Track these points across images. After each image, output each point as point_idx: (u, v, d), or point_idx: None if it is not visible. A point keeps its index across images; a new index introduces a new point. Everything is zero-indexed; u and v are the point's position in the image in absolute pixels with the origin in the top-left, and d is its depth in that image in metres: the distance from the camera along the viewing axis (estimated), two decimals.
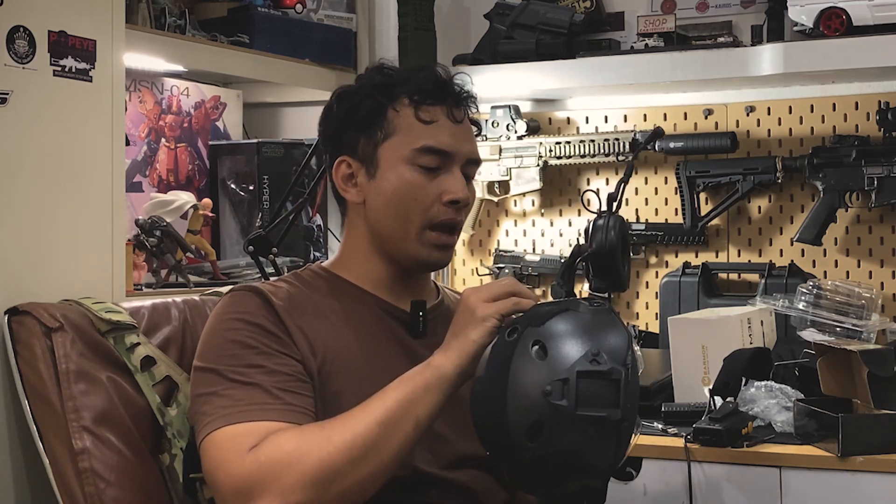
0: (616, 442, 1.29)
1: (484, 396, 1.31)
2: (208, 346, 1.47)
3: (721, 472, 1.92)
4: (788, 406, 2.00)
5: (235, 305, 1.49)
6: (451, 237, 1.55)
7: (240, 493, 1.32)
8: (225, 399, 1.39)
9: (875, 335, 2.31)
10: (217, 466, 1.36)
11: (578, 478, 1.32)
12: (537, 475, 1.31)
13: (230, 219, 2.66)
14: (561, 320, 1.31)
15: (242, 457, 1.33)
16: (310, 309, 1.51)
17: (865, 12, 2.26)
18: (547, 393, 1.26)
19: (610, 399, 1.26)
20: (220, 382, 1.41)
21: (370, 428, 1.33)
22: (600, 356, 1.27)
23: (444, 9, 2.89)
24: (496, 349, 1.33)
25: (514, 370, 1.28)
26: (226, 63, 2.43)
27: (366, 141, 1.54)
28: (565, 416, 1.25)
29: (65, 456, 1.57)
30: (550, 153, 2.72)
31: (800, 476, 1.87)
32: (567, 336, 1.29)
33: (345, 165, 1.56)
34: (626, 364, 1.28)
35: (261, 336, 1.44)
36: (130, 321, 1.68)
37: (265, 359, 1.43)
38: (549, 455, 1.28)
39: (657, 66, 2.50)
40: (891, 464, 1.82)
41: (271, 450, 1.33)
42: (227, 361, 1.42)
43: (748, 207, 2.65)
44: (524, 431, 1.27)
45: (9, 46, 1.76)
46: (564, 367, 1.26)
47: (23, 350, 1.62)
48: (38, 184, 1.80)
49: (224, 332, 1.46)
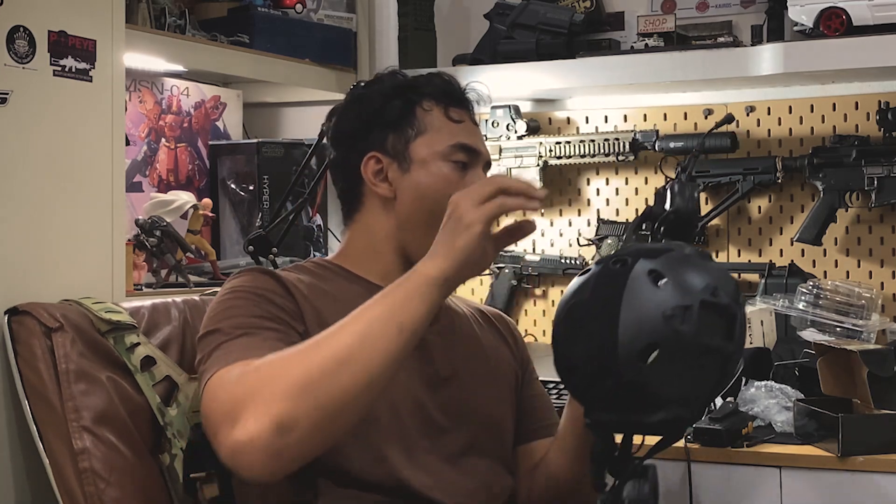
0: (721, 375, 1.34)
1: (589, 318, 1.34)
2: (212, 313, 1.47)
3: (721, 472, 1.92)
4: (788, 406, 2.00)
5: (246, 281, 1.50)
6: None
7: (227, 415, 1.29)
8: (224, 350, 1.39)
9: (875, 335, 2.32)
10: (212, 399, 1.34)
11: (676, 405, 1.33)
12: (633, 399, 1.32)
13: (230, 219, 2.66)
14: (673, 256, 1.35)
15: (233, 382, 1.32)
16: (320, 293, 1.53)
17: (865, 12, 2.26)
18: (668, 317, 1.29)
19: (726, 332, 1.32)
20: (221, 338, 1.41)
21: (354, 336, 1.31)
22: (718, 291, 1.32)
23: (444, 9, 2.89)
24: (602, 275, 1.36)
25: (629, 294, 1.31)
26: (226, 63, 2.43)
27: (396, 137, 1.57)
28: (684, 341, 1.29)
29: (65, 456, 1.57)
30: (550, 153, 2.72)
31: (800, 476, 1.88)
32: (685, 269, 1.33)
33: (374, 161, 1.58)
34: (738, 302, 1.34)
35: (268, 306, 1.45)
36: (130, 321, 1.68)
37: (266, 320, 1.43)
38: (655, 378, 1.30)
39: (657, 66, 2.50)
40: (891, 464, 1.82)
41: (256, 367, 1.32)
42: (228, 323, 1.43)
43: (748, 207, 2.65)
44: (636, 352, 1.29)
45: (9, 46, 1.76)
46: (687, 294, 1.30)
47: (23, 350, 1.62)
48: (37, 184, 1.80)
49: (229, 300, 1.47)
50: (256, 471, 1.28)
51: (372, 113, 1.59)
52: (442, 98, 1.60)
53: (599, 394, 1.36)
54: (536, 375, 1.77)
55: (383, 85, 1.62)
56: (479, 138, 1.63)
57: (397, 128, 1.58)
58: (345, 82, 2.67)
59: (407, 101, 1.59)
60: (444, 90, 1.61)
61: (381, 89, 1.62)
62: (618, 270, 1.34)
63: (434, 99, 1.60)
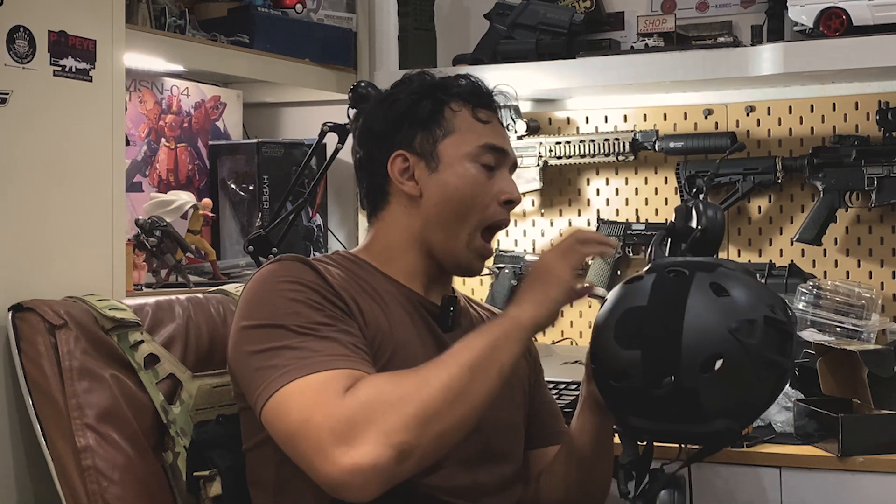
0: (774, 390, 1.38)
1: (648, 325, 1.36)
2: (264, 305, 1.44)
3: (721, 472, 1.92)
4: (788, 406, 2.00)
5: (288, 270, 1.48)
6: (490, 247, 1.62)
7: (341, 435, 1.29)
8: (301, 350, 1.37)
9: (875, 335, 2.32)
10: (311, 412, 1.31)
11: (728, 417, 1.35)
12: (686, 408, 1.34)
13: (230, 219, 2.66)
14: (729, 272, 1.38)
15: (340, 397, 1.31)
16: (355, 286, 1.53)
17: (865, 12, 2.26)
18: (734, 329, 1.31)
19: (783, 348, 1.36)
20: (290, 336, 1.38)
21: (463, 371, 1.35)
22: (776, 308, 1.35)
23: (444, 9, 2.89)
24: (660, 284, 1.38)
25: (692, 304, 1.33)
26: (226, 63, 2.43)
27: (424, 136, 1.58)
28: (749, 354, 1.32)
29: (68, 453, 1.57)
30: (550, 153, 2.72)
31: (800, 476, 1.88)
32: (743, 284, 1.36)
33: (401, 160, 1.59)
34: (794, 320, 1.38)
35: (322, 300, 1.44)
36: (134, 318, 1.68)
37: (333, 320, 1.42)
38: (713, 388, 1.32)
39: (657, 66, 2.50)
40: (891, 464, 1.83)
41: (370, 391, 1.32)
42: (292, 319, 1.40)
43: (748, 207, 2.65)
44: (699, 362, 1.31)
45: (9, 46, 1.76)
46: (751, 309, 1.33)
47: (26, 347, 1.62)
48: (38, 183, 1.80)
49: (281, 292, 1.44)
50: (368, 493, 1.30)
51: (400, 112, 1.60)
52: (470, 99, 1.61)
53: (650, 402, 1.37)
54: (545, 381, 1.78)
55: (412, 85, 1.63)
56: (507, 139, 1.64)
57: (426, 127, 1.59)
58: (345, 82, 2.67)
59: (436, 101, 1.60)
60: (473, 91, 1.62)
61: (409, 89, 1.62)
62: (677, 280, 1.36)
63: (462, 99, 1.60)
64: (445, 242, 1.58)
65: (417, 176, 1.58)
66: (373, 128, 1.63)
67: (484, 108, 1.62)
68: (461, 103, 1.60)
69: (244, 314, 1.46)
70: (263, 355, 1.39)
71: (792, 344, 1.38)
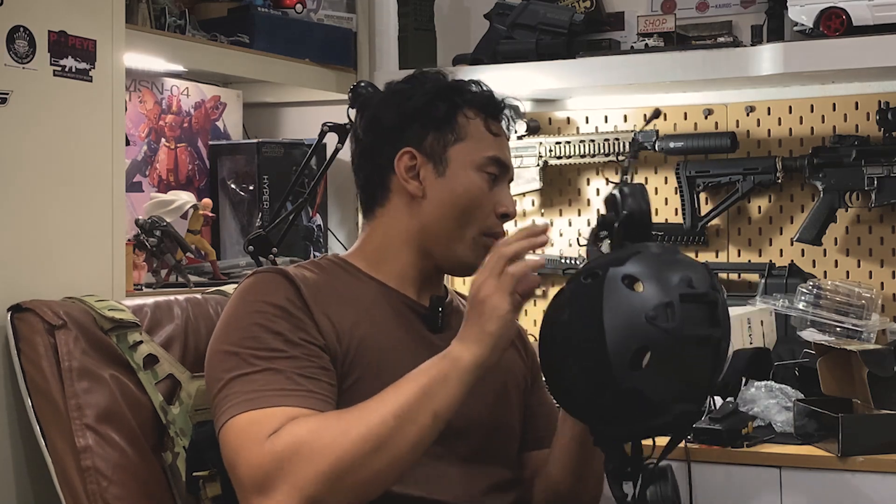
0: (715, 361, 1.36)
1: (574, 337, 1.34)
2: (230, 328, 1.47)
3: (721, 472, 1.92)
4: (788, 406, 2.00)
5: (261, 287, 1.49)
6: None
7: (257, 484, 1.33)
8: (244, 383, 1.39)
9: (875, 335, 2.32)
10: (236, 454, 1.36)
11: (679, 402, 1.34)
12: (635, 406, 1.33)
13: (230, 219, 2.66)
14: (642, 258, 1.35)
15: (260, 445, 1.34)
16: (334, 296, 1.52)
17: (865, 12, 2.26)
18: (651, 318, 1.30)
19: (710, 319, 1.33)
20: (240, 366, 1.41)
21: (386, 420, 1.33)
22: (693, 282, 1.33)
23: (444, 9, 2.89)
24: (577, 293, 1.36)
25: (608, 305, 1.32)
26: (226, 63, 2.43)
27: (435, 138, 1.57)
28: (672, 337, 1.30)
29: (67, 454, 1.57)
30: (550, 153, 2.72)
31: (800, 476, 1.88)
32: (657, 267, 1.34)
33: (408, 157, 1.57)
34: (715, 287, 1.35)
35: (285, 320, 1.45)
36: (133, 319, 1.68)
37: (287, 344, 1.43)
38: (652, 380, 1.31)
39: (657, 66, 2.50)
40: (891, 464, 1.82)
41: (288, 440, 1.33)
42: (248, 344, 1.43)
43: (748, 207, 2.65)
44: (628, 360, 1.30)
45: (9, 46, 1.76)
46: (665, 291, 1.32)
47: (26, 347, 1.62)
48: (38, 183, 1.80)
49: (247, 314, 1.46)
50: None
51: (414, 109, 1.59)
52: (485, 109, 1.61)
53: (601, 409, 1.36)
54: (543, 382, 1.77)
55: (426, 83, 1.62)
56: (510, 154, 1.64)
57: (438, 129, 1.58)
58: (345, 82, 2.67)
59: (451, 104, 1.59)
60: (488, 102, 1.62)
61: (424, 87, 1.61)
62: (591, 284, 1.35)
63: (477, 108, 1.60)
64: (445, 244, 1.57)
65: (423, 176, 1.57)
66: (383, 119, 1.61)
67: (495, 121, 1.62)
68: (475, 111, 1.60)
69: (214, 336, 1.49)
70: (218, 383, 1.43)
71: (718, 312, 1.35)
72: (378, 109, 1.63)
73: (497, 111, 1.63)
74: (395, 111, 1.60)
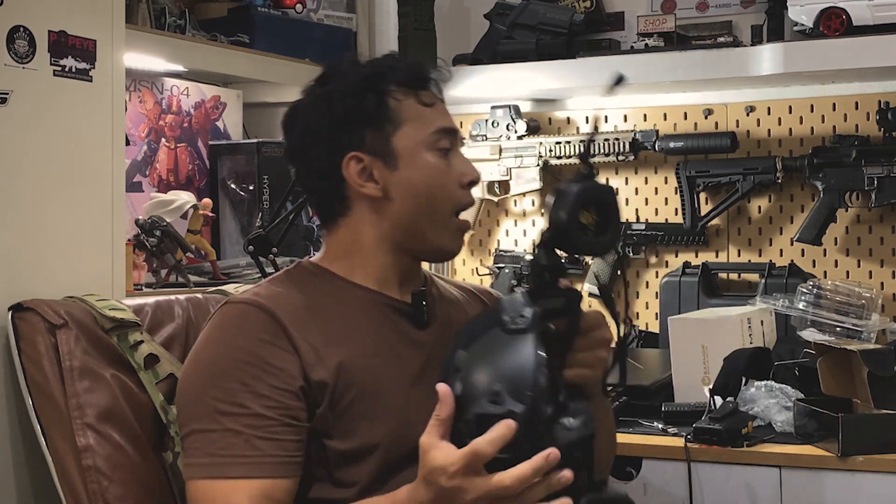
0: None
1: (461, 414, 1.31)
2: (199, 368, 1.43)
3: (721, 472, 1.92)
4: (788, 406, 2.00)
5: (232, 325, 1.44)
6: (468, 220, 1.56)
7: None
8: (204, 442, 1.38)
9: (875, 335, 2.32)
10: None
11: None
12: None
13: (230, 219, 2.66)
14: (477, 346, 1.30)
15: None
16: (315, 316, 1.46)
17: (865, 12, 2.26)
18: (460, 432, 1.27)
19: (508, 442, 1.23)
20: (202, 420, 1.38)
21: None
22: (500, 396, 1.25)
23: (444, 9, 2.89)
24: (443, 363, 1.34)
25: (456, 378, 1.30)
26: (226, 63, 2.43)
27: (374, 134, 1.50)
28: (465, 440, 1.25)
29: (68, 453, 1.56)
30: (550, 153, 2.72)
31: (800, 476, 1.88)
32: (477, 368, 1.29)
33: (355, 162, 1.50)
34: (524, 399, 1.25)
35: (253, 366, 1.39)
36: (134, 318, 1.68)
37: (252, 397, 1.38)
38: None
39: (657, 66, 2.50)
40: (891, 464, 1.82)
41: None
42: (213, 394, 1.38)
43: (748, 207, 2.65)
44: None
45: (9, 46, 1.76)
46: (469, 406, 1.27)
47: (26, 347, 1.62)
48: (37, 183, 1.80)
49: (215, 358, 1.42)
50: None
51: (343, 111, 1.50)
52: (410, 83, 1.52)
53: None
54: None
55: (346, 79, 1.52)
56: (451, 117, 1.56)
57: (374, 124, 1.49)
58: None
59: (377, 93, 1.50)
60: (411, 74, 1.53)
61: (345, 84, 1.51)
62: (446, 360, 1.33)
63: (403, 85, 1.52)
64: (422, 236, 1.51)
65: (377, 176, 1.49)
66: (315, 131, 1.51)
67: (425, 90, 1.53)
68: (403, 91, 1.51)
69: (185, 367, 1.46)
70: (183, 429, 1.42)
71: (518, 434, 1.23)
72: (305, 123, 1.54)
73: (424, 81, 1.54)
74: (324, 120, 1.51)
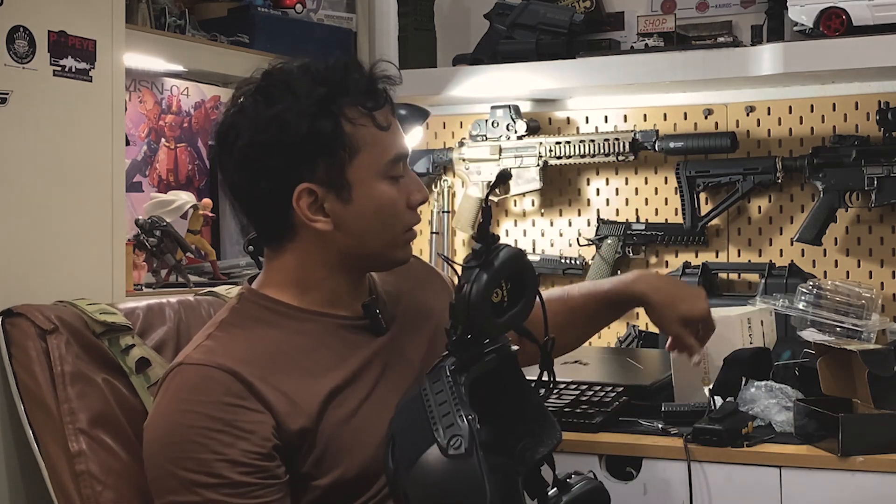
0: None
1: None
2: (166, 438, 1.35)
3: (721, 472, 1.92)
4: (788, 406, 2.00)
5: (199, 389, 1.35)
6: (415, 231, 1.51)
7: None
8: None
9: (875, 335, 2.31)
10: None
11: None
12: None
13: (230, 219, 2.66)
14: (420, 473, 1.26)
15: None
16: (278, 360, 1.40)
17: (865, 12, 2.26)
18: None
19: None
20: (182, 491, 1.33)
21: None
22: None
23: (444, 9, 2.89)
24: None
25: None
26: (226, 63, 2.42)
27: (328, 164, 1.40)
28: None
29: (61, 459, 1.56)
30: (550, 153, 2.72)
31: (800, 476, 1.87)
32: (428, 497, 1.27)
33: (306, 194, 1.41)
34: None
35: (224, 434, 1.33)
36: (125, 322, 1.67)
37: (227, 465, 1.32)
38: None
39: (657, 66, 2.50)
40: (891, 464, 1.82)
41: None
42: (188, 466, 1.32)
43: (748, 207, 2.65)
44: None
45: (9, 46, 1.76)
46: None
47: (17, 352, 1.61)
48: (37, 184, 1.80)
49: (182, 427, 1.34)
50: None
51: (297, 138, 1.39)
52: (365, 102, 1.42)
53: None
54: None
55: (300, 101, 1.40)
56: (402, 134, 1.48)
57: (329, 153, 1.40)
58: None
59: (332, 117, 1.39)
60: (365, 94, 1.43)
61: (300, 107, 1.39)
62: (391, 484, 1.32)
63: (358, 104, 1.41)
64: (373, 259, 1.47)
65: (329, 209, 1.41)
66: (263, 157, 1.40)
67: (380, 109, 1.43)
68: (357, 112, 1.41)
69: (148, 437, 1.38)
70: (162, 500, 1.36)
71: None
72: (251, 148, 1.41)
73: (378, 98, 1.43)
74: (273, 148, 1.39)
